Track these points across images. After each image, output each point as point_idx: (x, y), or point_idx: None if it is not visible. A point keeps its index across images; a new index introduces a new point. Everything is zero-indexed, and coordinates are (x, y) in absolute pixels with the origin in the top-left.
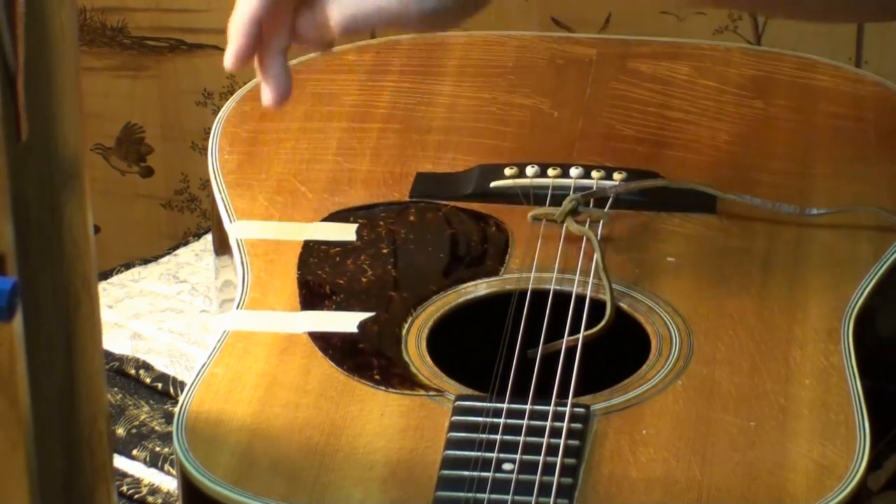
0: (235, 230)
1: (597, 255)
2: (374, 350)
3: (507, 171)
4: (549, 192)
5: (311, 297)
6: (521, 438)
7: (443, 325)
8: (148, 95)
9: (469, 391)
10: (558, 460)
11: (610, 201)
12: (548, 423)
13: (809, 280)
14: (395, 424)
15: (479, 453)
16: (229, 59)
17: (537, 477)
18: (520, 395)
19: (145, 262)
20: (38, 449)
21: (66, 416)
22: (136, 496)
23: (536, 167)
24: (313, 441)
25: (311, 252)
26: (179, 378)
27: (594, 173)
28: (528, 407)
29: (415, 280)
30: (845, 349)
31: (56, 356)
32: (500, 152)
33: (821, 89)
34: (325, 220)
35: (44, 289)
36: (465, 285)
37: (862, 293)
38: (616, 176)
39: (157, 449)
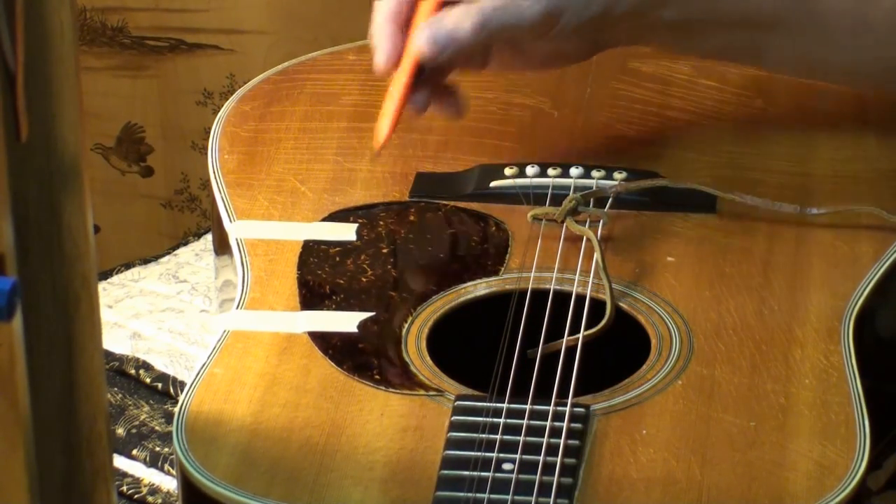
0: (235, 230)
1: (597, 255)
2: (374, 350)
3: (507, 171)
4: (550, 191)
5: (311, 296)
6: (521, 438)
7: (443, 325)
8: (148, 95)
9: (469, 391)
10: (558, 460)
11: (610, 201)
12: (548, 423)
13: (809, 280)
14: (395, 424)
15: (479, 453)
16: (379, 69)
17: (537, 477)
18: (520, 394)
19: (145, 262)
20: (38, 449)
21: (66, 416)
22: (136, 496)
23: (536, 167)
24: (313, 441)
25: (311, 252)
26: (179, 378)
27: (594, 173)
28: (528, 407)
29: (415, 280)
30: (845, 349)
31: (56, 356)
32: (500, 152)
33: (821, 89)
34: (325, 219)
35: (44, 289)
36: (464, 285)
37: (862, 293)
38: (616, 175)
39: (157, 449)
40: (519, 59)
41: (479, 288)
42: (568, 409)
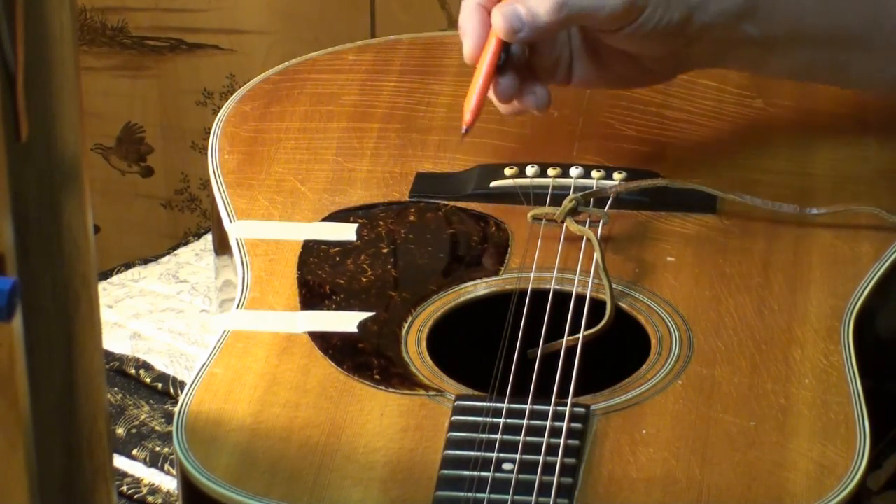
0: (235, 230)
1: (597, 255)
2: (374, 350)
3: (507, 171)
4: (549, 191)
5: (311, 296)
6: (521, 438)
7: (443, 325)
8: (148, 95)
9: (469, 391)
10: (558, 460)
11: (610, 201)
12: (548, 423)
13: (809, 280)
14: (394, 424)
15: (479, 453)
16: (467, 52)
17: (537, 477)
18: (520, 394)
19: (145, 262)
20: (38, 449)
21: (66, 416)
22: (136, 496)
23: (536, 167)
24: (313, 441)
25: (311, 252)
26: (179, 378)
27: (594, 173)
28: (527, 407)
29: (415, 280)
30: (845, 349)
31: (56, 356)
32: (500, 152)
33: (821, 89)
34: (325, 219)
35: (44, 289)
36: (465, 285)
37: (862, 293)
38: (616, 175)
39: (157, 449)
40: (601, 71)
41: (479, 288)
42: (568, 408)
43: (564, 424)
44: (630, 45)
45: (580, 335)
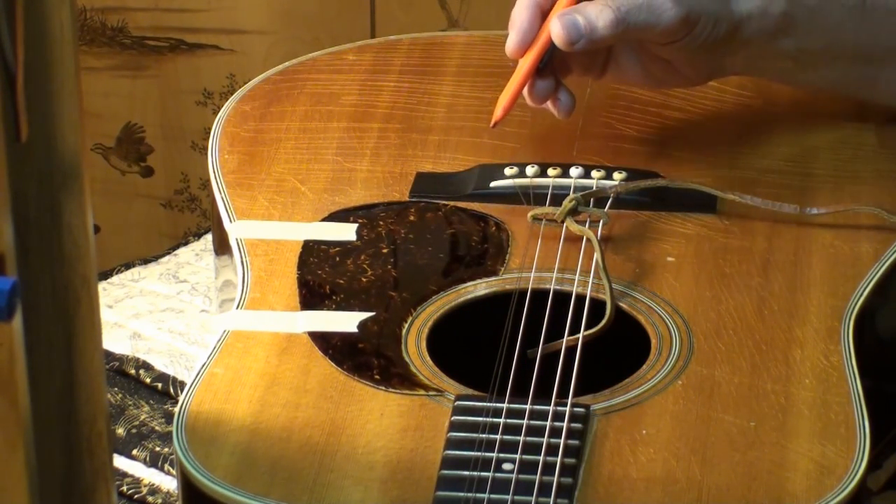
0: (235, 230)
1: (597, 255)
2: (374, 350)
3: (507, 171)
4: (549, 191)
5: (311, 296)
6: (521, 438)
7: (443, 325)
8: (148, 95)
9: (469, 391)
10: (558, 460)
11: (610, 201)
12: (548, 423)
13: (809, 280)
14: (394, 424)
15: (479, 453)
16: (511, 46)
17: (537, 477)
18: (520, 394)
19: (145, 262)
20: (38, 449)
21: (66, 416)
22: (136, 496)
23: (536, 167)
24: (313, 441)
25: (311, 252)
26: (179, 378)
27: (594, 173)
28: (528, 407)
29: (415, 280)
30: (845, 349)
31: (56, 356)
32: (500, 152)
33: (820, 89)
34: (325, 219)
35: (44, 289)
36: (464, 285)
37: (862, 293)
38: (616, 175)
39: (157, 449)
40: (637, 71)
41: (479, 288)
42: (568, 408)
43: (564, 424)
44: (675, 55)
45: (580, 335)
